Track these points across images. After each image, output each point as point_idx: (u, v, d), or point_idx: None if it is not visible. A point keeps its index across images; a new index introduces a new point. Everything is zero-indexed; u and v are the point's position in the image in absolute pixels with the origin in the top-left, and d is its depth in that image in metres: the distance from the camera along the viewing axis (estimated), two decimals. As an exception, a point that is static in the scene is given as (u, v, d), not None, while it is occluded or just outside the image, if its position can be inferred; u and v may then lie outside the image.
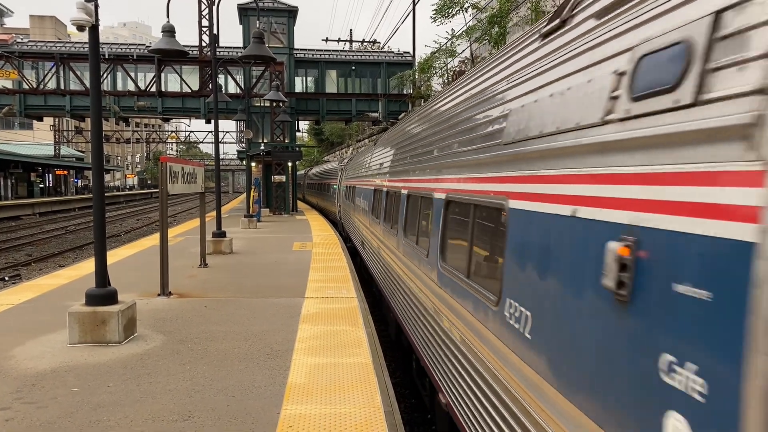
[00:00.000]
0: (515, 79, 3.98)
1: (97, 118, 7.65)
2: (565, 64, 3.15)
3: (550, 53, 3.50)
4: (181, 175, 10.59)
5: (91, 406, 5.17)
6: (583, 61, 2.91)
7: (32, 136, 76.19)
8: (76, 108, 35.25)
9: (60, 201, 55.40)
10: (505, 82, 4.19)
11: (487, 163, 4.22)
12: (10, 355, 6.69)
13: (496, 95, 4.35)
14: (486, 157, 4.26)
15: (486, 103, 4.59)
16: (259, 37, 15.02)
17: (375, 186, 12.86)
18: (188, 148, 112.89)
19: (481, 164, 4.40)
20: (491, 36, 23.82)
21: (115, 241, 25.93)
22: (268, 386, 5.69)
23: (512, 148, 3.65)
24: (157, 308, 9.06)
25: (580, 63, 2.94)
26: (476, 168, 4.55)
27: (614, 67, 2.55)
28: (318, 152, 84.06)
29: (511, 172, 3.66)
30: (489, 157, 4.18)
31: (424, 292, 6.57)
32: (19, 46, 34.98)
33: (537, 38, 3.97)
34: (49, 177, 63.58)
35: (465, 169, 4.94)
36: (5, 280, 17.90)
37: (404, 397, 9.18)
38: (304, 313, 8.78)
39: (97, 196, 7.50)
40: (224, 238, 15.83)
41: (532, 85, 3.55)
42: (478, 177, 4.48)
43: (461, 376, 4.72)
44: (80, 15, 6.91)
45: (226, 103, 29.64)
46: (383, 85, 38.54)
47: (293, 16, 35.77)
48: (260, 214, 27.74)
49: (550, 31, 3.69)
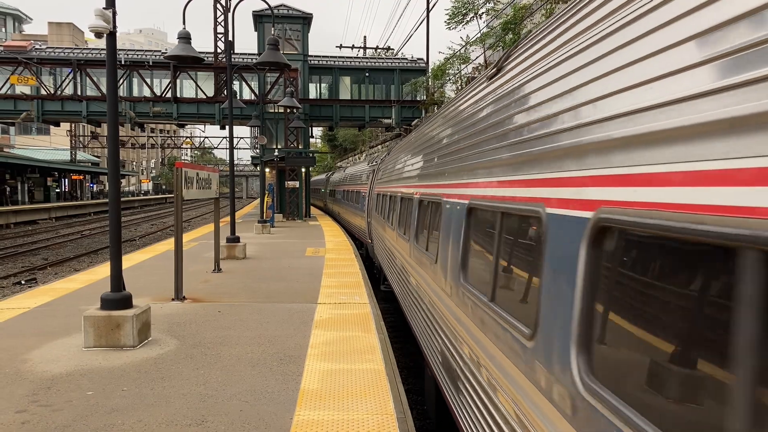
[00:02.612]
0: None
1: (113, 123, 7.72)
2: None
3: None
4: (196, 180, 10.66)
5: (106, 410, 5.20)
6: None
7: (49, 142, 77.07)
8: (93, 113, 35.59)
9: (76, 206, 55.94)
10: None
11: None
12: (26, 358, 6.75)
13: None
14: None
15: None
16: (273, 43, 15.10)
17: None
18: (203, 154, 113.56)
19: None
20: (505, 42, 23.80)
21: (129, 246, 26.10)
22: (281, 392, 5.70)
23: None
24: (171, 313, 9.11)
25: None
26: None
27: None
28: (331, 158, 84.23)
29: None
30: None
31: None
32: (37, 52, 35.38)
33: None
34: (65, 182, 64.18)
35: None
36: (22, 283, 18.08)
37: (417, 404, 9.15)
38: (317, 318, 8.78)
39: (113, 201, 7.56)
40: (238, 244, 15.89)
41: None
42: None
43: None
44: (98, 22, 6.99)
45: (241, 109, 29.87)
46: (397, 91, 38.57)
47: (308, 23, 35.94)
48: (274, 220, 27.83)
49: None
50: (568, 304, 2.61)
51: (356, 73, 39.60)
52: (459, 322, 4.98)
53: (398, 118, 36.66)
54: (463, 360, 4.79)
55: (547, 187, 3.05)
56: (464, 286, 4.81)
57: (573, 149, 2.76)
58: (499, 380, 3.64)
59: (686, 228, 1.77)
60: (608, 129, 2.40)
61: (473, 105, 5.35)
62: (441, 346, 5.89)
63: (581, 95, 2.76)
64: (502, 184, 3.95)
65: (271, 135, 34.66)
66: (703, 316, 1.82)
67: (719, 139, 1.68)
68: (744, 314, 1.54)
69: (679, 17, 2.02)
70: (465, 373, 4.72)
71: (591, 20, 2.90)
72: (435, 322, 6.29)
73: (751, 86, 1.60)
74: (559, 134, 2.95)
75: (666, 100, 1.98)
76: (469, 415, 4.51)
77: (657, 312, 2.05)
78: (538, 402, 2.94)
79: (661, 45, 2.11)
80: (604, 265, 2.40)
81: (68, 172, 64.30)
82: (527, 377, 3.14)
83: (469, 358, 4.57)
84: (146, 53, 38.44)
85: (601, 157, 2.46)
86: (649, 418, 1.95)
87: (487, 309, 3.98)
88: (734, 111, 1.64)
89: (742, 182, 1.57)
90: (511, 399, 3.40)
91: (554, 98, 3.12)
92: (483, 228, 4.55)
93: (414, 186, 8.93)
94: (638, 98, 2.18)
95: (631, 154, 2.17)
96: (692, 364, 1.86)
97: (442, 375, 5.85)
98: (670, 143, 1.93)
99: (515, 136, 3.74)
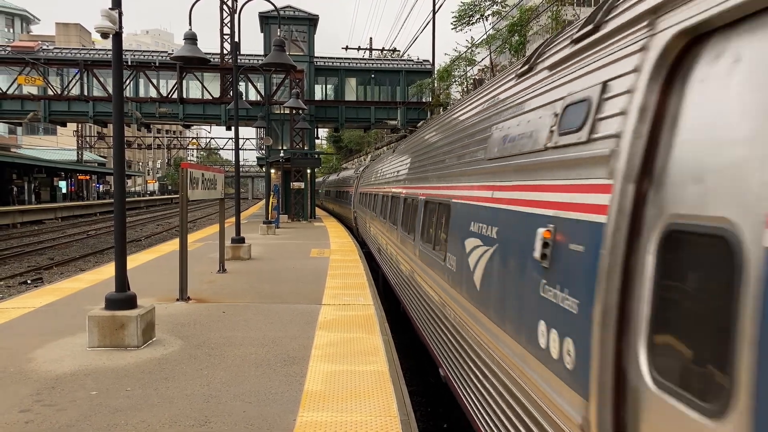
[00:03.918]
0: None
1: (119, 124, 7.74)
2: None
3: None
4: (202, 181, 10.67)
5: (110, 410, 5.20)
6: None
7: (56, 142, 77.39)
8: (99, 114, 35.71)
9: (82, 206, 56.12)
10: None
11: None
12: (31, 357, 6.77)
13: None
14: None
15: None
16: (279, 45, 15.12)
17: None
18: (208, 155, 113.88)
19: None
20: (511, 44, 23.78)
21: (135, 246, 26.17)
22: (284, 392, 5.69)
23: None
24: (175, 313, 9.12)
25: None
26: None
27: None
28: (336, 159, 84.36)
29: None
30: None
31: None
32: (44, 53, 35.54)
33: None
34: (71, 182, 64.42)
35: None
36: (28, 283, 18.16)
37: (420, 406, 9.13)
38: (321, 319, 8.78)
39: (119, 202, 7.57)
40: (243, 244, 15.91)
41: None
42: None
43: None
44: (104, 22, 7.01)
45: (247, 110, 29.89)
46: (402, 92, 38.58)
47: (314, 24, 35.98)
48: (279, 221, 27.86)
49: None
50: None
51: (362, 75, 39.63)
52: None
53: (404, 120, 36.64)
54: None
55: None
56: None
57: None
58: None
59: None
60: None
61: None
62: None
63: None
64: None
65: (276, 136, 34.69)
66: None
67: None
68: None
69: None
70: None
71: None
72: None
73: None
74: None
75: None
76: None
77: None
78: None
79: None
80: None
81: (74, 172, 64.54)
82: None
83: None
84: (152, 54, 38.59)
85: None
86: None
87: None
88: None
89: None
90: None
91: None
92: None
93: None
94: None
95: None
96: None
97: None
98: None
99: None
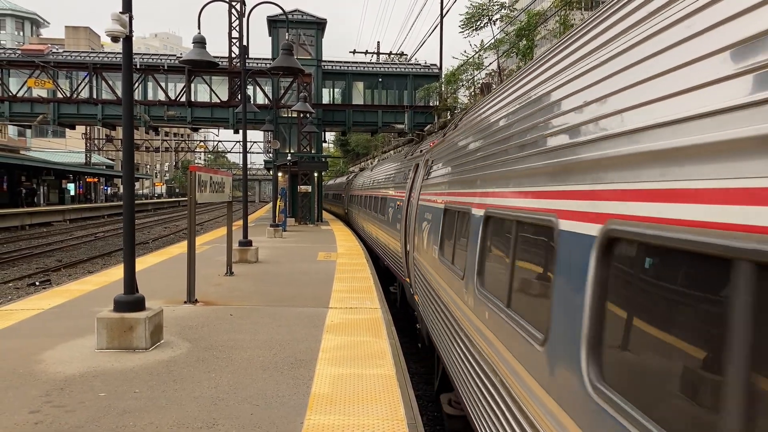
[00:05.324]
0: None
1: (128, 126, 7.79)
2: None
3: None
4: (209, 184, 10.72)
5: (118, 412, 5.23)
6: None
7: (64, 144, 77.84)
8: (108, 117, 35.88)
9: (90, 208, 56.37)
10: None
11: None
12: (40, 359, 6.81)
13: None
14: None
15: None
16: (287, 48, 15.17)
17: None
18: (216, 158, 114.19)
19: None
20: (518, 49, 23.77)
21: (143, 249, 26.25)
22: (291, 396, 5.70)
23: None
24: (183, 315, 9.15)
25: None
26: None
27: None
28: (343, 163, 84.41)
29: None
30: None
31: None
32: (54, 56, 35.75)
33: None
34: (79, 184, 64.72)
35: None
36: (36, 285, 18.24)
37: (427, 410, 9.11)
38: (328, 322, 8.79)
39: (128, 205, 7.61)
40: (250, 247, 15.95)
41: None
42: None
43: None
44: (115, 26, 7.06)
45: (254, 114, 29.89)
46: (409, 96, 38.57)
47: (322, 28, 36.08)
48: (286, 224, 27.89)
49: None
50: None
51: (369, 79, 39.67)
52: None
53: (411, 124, 36.63)
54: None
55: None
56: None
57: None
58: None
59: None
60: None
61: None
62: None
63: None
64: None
65: (284, 139, 34.76)
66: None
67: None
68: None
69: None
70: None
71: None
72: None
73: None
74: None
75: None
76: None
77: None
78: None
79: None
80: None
81: (83, 174, 64.83)
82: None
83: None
84: (161, 57, 38.72)
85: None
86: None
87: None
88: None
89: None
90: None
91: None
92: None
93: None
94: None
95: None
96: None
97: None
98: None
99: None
